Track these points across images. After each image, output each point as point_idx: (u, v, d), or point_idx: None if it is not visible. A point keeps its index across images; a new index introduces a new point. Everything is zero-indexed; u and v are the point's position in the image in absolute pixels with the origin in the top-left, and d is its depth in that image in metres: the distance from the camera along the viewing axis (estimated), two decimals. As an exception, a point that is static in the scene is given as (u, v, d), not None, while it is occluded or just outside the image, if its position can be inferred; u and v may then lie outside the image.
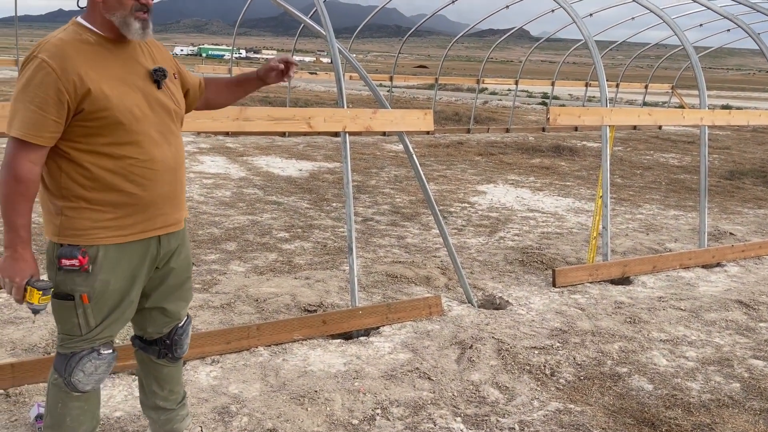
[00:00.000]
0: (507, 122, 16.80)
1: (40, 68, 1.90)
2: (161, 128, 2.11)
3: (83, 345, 2.13)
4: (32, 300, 1.99)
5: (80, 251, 2.02)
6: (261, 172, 8.96)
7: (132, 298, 2.18)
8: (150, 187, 2.08)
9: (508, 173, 9.93)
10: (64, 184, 2.02)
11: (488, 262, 5.39)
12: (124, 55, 2.06)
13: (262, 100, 19.98)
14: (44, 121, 1.90)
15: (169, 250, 2.24)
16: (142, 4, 2.01)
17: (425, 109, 4.27)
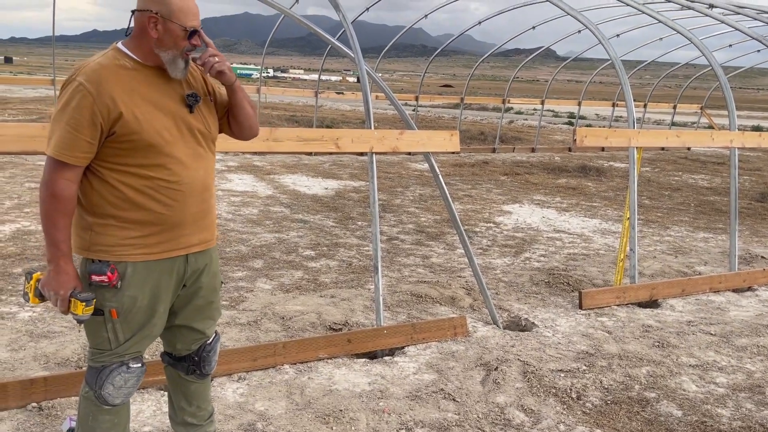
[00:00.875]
0: (533, 142, 16.75)
1: (78, 91, 1.99)
2: (191, 151, 2.18)
3: (113, 359, 2.19)
4: (76, 311, 2.07)
5: (110, 267, 2.09)
6: (288, 190, 9.06)
7: (159, 315, 2.23)
8: (177, 208, 2.14)
9: (533, 193, 9.89)
10: (95, 202, 2.10)
11: (514, 283, 5.37)
12: (158, 81, 2.14)
13: (288, 119, 20.23)
14: (78, 142, 1.99)
15: (197, 268, 2.29)
16: (194, 45, 2.12)
17: (452, 130, 4.30)
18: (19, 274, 4.81)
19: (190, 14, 2.10)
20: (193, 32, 2.10)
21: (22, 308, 4.16)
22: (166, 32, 2.07)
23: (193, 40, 2.11)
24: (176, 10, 2.07)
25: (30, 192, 7.75)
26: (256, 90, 14.07)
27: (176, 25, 2.07)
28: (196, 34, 2.11)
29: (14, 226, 6.17)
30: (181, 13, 2.07)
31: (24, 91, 27.34)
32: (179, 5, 2.08)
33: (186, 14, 2.08)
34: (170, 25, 2.06)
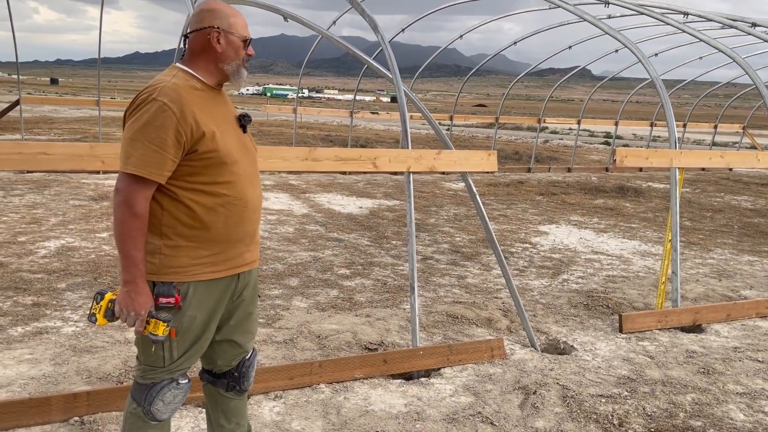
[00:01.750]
0: (569, 162, 16.58)
1: (162, 110, 2.01)
2: (250, 169, 2.27)
3: (164, 375, 2.21)
4: (157, 332, 2.07)
5: (175, 289, 2.12)
6: (323, 209, 9.12)
7: (211, 331, 2.28)
8: (240, 225, 2.20)
9: (570, 214, 9.76)
10: (165, 222, 2.10)
11: (551, 305, 5.28)
12: (220, 101, 2.23)
13: (324, 138, 20.44)
14: (164, 160, 2.01)
15: (245, 284, 2.34)
16: (249, 55, 2.24)
17: (489, 150, 4.28)
18: (64, 289, 4.92)
19: (244, 25, 2.23)
20: (248, 41, 2.23)
21: (65, 323, 4.25)
22: (228, 45, 2.18)
23: (249, 49, 2.24)
24: (233, 23, 2.19)
25: (74, 209, 7.96)
26: (293, 110, 14.26)
27: (235, 36, 2.19)
28: (250, 44, 2.24)
29: (59, 242, 6.34)
30: (238, 24, 2.20)
31: (69, 111, 28.24)
32: (234, 18, 2.21)
33: (242, 26, 2.22)
34: (230, 37, 2.18)
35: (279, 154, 3.61)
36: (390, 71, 4.21)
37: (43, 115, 24.94)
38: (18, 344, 3.87)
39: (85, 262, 5.66)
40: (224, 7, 2.23)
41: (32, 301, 4.63)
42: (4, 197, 8.44)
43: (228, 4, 2.30)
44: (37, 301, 4.63)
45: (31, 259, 5.69)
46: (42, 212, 7.66)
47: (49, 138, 16.70)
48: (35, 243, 6.23)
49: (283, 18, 4.88)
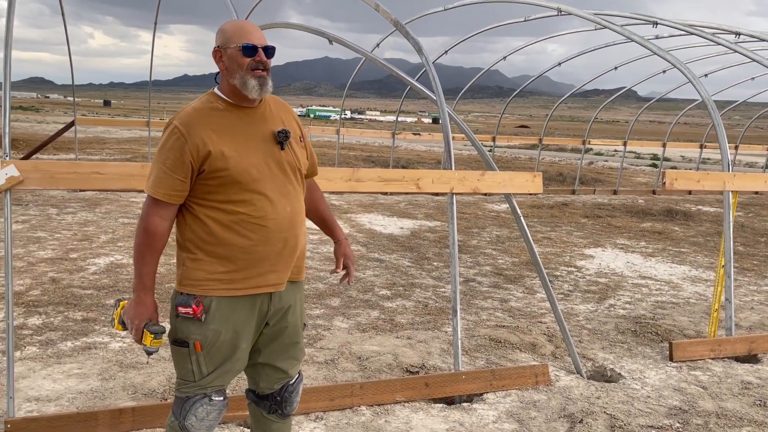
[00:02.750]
0: (614, 184, 16.26)
1: (173, 133, 2.11)
2: (280, 188, 2.22)
3: (196, 390, 2.23)
4: (145, 342, 2.17)
5: (195, 300, 2.15)
6: (364, 229, 9.15)
7: (241, 350, 2.26)
8: (261, 244, 2.18)
9: (616, 237, 9.54)
10: (187, 237, 2.19)
11: (598, 330, 5.14)
12: (249, 119, 2.21)
13: (365, 159, 20.58)
14: (172, 181, 2.10)
15: (281, 307, 2.31)
16: (257, 61, 2.14)
17: (534, 172, 4.23)
18: (112, 305, 5.04)
19: (244, 33, 2.16)
20: (248, 47, 2.14)
21: (113, 338, 4.34)
22: (229, 59, 2.16)
23: (256, 56, 2.14)
24: (230, 36, 2.17)
25: (123, 227, 8.18)
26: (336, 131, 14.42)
27: (231, 48, 2.15)
28: (253, 49, 2.14)
29: (108, 259, 6.51)
30: (235, 35, 2.16)
31: (120, 132, 29.22)
32: (232, 30, 2.18)
33: (240, 35, 2.16)
34: (229, 51, 2.16)
35: (323, 174, 3.62)
36: (434, 93, 4.22)
37: (96, 136, 25.86)
38: (67, 358, 3.96)
39: (132, 279, 5.78)
40: (229, 24, 2.23)
41: (82, 316, 4.75)
42: (58, 215, 8.73)
43: (237, 20, 2.31)
44: (87, 316, 4.75)
45: (81, 275, 5.85)
46: (93, 230, 7.89)
47: (101, 158, 17.27)
48: (86, 260, 6.42)
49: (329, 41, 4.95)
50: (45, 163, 3.01)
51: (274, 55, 2.24)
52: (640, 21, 7.40)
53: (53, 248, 6.80)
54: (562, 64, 13.11)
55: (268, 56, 2.19)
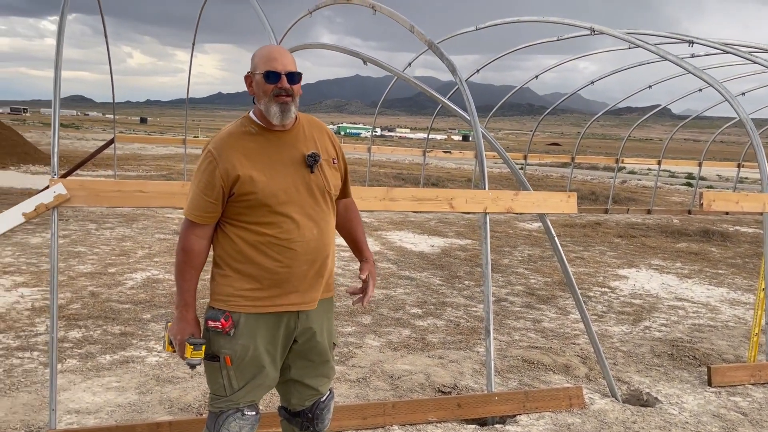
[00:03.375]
0: (648, 203, 16.01)
1: (207, 157, 2.20)
2: (308, 211, 2.25)
3: (229, 405, 2.28)
4: (186, 354, 2.22)
5: (224, 315, 2.21)
6: (394, 246, 9.16)
7: (270, 366, 2.29)
8: (286, 265, 2.22)
9: (651, 257, 9.38)
10: (218, 253, 2.27)
11: (633, 353, 5.05)
12: (281, 142, 2.26)
13: (395, 176, 20.65)
14: (205, 203, 2.18)
15: (309, 326, 2.33)
16: (279, 88, 2.19)
17: (569, 192, 4.21)
18: (149, 320, 5.14)
19: (269, 60, 2.20)
20: (270, 74, 2.17)
21: (150, 353, 4.43)
22: (256, 85, 2.22)
23: (279, 83, 2.17)
24: (257, 62, 2.23)
25: (159, 243, 8.35)
26: (367, 149, 14.53)
27: (258, 75, 2.21)
28: (275, 76, 2.17)
29: (145, 274, 6.64)
30: (261, 62, 2.21)
31: (156, 149, 29.85)
32: (259, 56, 2.24)
33: (265, 62, 2.20)
34: (255, 77, 2.22)
35: (357, 194, 3.66)
36: (467, 112, 4.24)
37: (133, 152, 26.48)
38: (106, 372, 4.05)
39: (168, 294, 5.90)
40: (260, 50, 2.28)
41: (120, 330, 4.85)
42: (97, 230, 8.96)
43: (268, 46, 2.36)
44: (125, 330, 4.85)
45: (119, 289, 5.99)
46: (130, 245, 8.07)
47: (138, 174, 17.67)
48: (123, 274, 6.56)
49: (363, 62, 5.02)
50: (91, 182, 3.12)
51: (301, 80, 2.26)
52: (675, 40, 7.34)
53: (92, 263, 6.98)
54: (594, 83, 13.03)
55: (293, 82, 2.21)
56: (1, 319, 4.95)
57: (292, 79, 2.21)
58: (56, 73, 3.30)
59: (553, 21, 6.11)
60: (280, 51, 2.25)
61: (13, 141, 19.70)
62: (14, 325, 4.83)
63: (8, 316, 5.03)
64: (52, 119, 3.22)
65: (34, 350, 4.36)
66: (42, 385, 3.79)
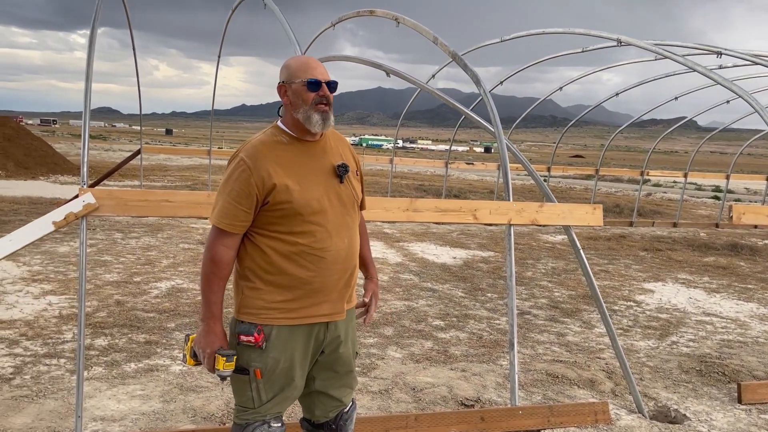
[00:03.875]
0: (674, 216, 15.78)
1: (239, 166, 2.17)
2: (338, 220, 2.26)
3: (256, 417, 2.26)
4: (218, 366, 2.18)
5: (257, 329, 2.19)
6: (416, 258, 9.14)
7: (298, 378, 2.29)
8: (319, 275, 2.21)
9: (678, 271, 9.22)
10: (247, 265, 2.23)
11: (660, 368, 4.96)
12: (311, 152, 2.27)
13: (417, 188, 20.64)
14: (237, 212, 2.15)
15: (336, 336, 2.33)
16: (321, 96, 2.20)
17: (594, 204, 4.16)
18: (173, 328, 5.18)
19: (309, 69, 2.21)
20: (312, 82, 2.19)
21: (174, 362, 4.46)
22: (293, 94, 2.21)
23: (320, 91, 2.19)
24: (295, 71, 2.22)
25: (184, 252, 8.43)
26: (389, 160, 14.56)
27: (297, 83, 2.20)
28: (317, 84, 2.19)
29: (170, 283, 6.71)
30: (300, 71, 2.21)
31: (181, 159, 30.26)
32: (297, 65, 2.23)
33: (305, 70, 2.21)
34: (294, 86, 2.21)
35: (381, 204, 3.68)
36: (491, 123, 4.23)
37: (158, 163, 26.86)
38: (131, 380, 4.09)
39: (192, 303, 5.94)
40: (293, 59, 2.28)
41: (144, 339, 4.90)
42: (123, 239, 9.08)
43: (301, 56, 2.37)
44: (149, 339, 4.89)
45: (144, 298, 6.05)
46: (155, 254, 8.16)
47: (163, 184, 17.90)
48: (148, 283, 6.63)
49: (386, 74, 5.04)
50: (118, 191, 3.16)
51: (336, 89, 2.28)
52: (703, 51, 7.26)
53: (118, 272, 7.07)
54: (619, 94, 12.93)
55: (331, 91, 2.24)
56: (29, 326, 5.03)
57: (331, 88, 2.23)
58: (87, 85, 3.37)
59: (578, 33, 6.08)
60: (316, 61, 2.27)
61: (43, 152, 20.13)
62: (42, 332, 4.91)
63: (36, 323, 5.12)
64: (83, 130, 3.28)
65: (61, 357, 4.42)
66: (68, 392, 3.84)
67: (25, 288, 6.15)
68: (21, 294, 5.94)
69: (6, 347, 4.54)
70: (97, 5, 3.83)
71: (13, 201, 12.38)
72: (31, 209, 11.27)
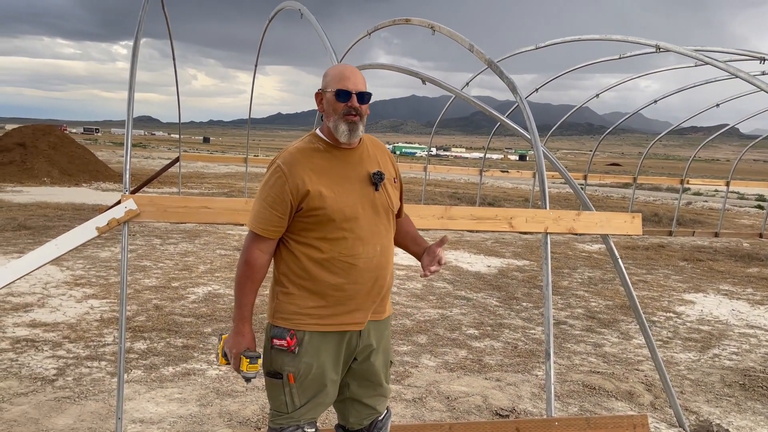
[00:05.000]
0: (715, 225, 15.38)
1: (275, 172, 2.21)
2: (372, 228, 2.27)
3: (290, 422, 2.28)
4: (242, 367, 2.22)
5: (289, 333, 2.21)
6: (450, 266, 9.10)
7: (331, 384, 2.29)
8: (350, 282, 2.22)
9: (719, 282, 8.98)
10: (282, 271, 2.27)
11: (701, 382, 4.83)
12: (347, 160, 2.28)
13: (451, 195, 20.58)
14: (271, 217, 2.18)
15: (369, 344, 2.33)
16: (349, 107, 2.21)
17: (633, 213, 4.09)
18: (210, 333, 5.26)
19: (342, 78, 2.23)
20: (341, 93, 2.20)
21: (210, 366, 4.52)
22: (327, 103, 2.24)
23: (349, 101, 2.20)
24: (329, 80, 2.24)
25: (220, 258, 8.56)
26: (423, 168, 14.55)
27: (330, 92, 2.23)
28: (346, 95, 2.20)
29: (207, 288, 6.82)
30: (333, 80, 2.23)
31: (218, 167, 30.75)
32: (332, 74, 2.25)
33: (338, 80, 2.22)
34: (327, 94, 2.24)
35: (416, 212, 3.67)
36: (528, 131, 4.20)
37: (196, 171, 27.36)
38: (169, 383, 4.16)
39: (228, 309, 6.02)
40: (332, 68, 2.30)
41: (182, 343, 4.98)
42: (161, 245, 9.26)
43: (341, 65, 2.38)
44: (187, 343, 4.98)
45: (182, 303, 6.16)
46: (192, 260, 8.30)
47: (201, 192, 18.23)
48: (186, 288, 6.75)
49: (422, 81, 5.05)
50: (159, 198, 3.23)
51: (370, 100, 2.28)
52: (746, 57, 7.09)
53: (157, 277, 7.21)
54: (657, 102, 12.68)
55: (362, 102, 2.23)
56: (72, 329, 5.17)
57: (361, 99, 2.23)
58: (130, 94, 3.46)
59: (616, 39, 6.01)
60: (352, 71, 2.28)
61: (86, 159, 20.69)
62: (84, 335, 5.04)
63: (79, 326, 5.25)
64: (125, 138, 3.37)
65: (102, 360, 4.52)
66: (109, 394, 3.93)
67: (68, 292, 6.33)
68: (64, 298, 6.10)
69: (50, 349, 4.67)
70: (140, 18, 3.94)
71: (58, 207, 12.75)
72: (74, 215, 11.60)
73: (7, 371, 4.20)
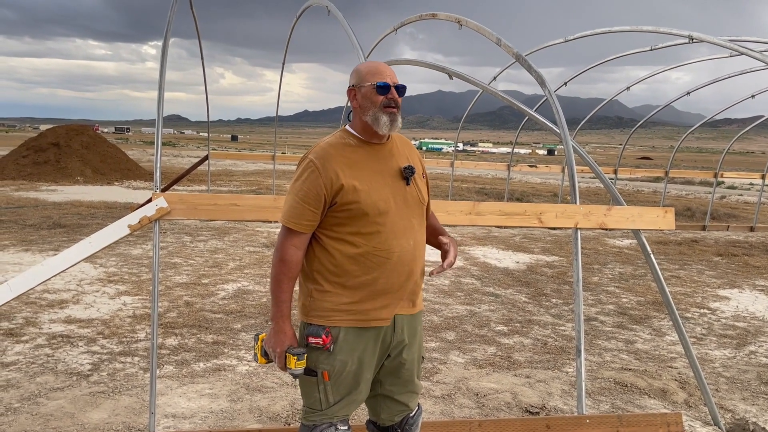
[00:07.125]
0: (751, 220, 15.02)
1: (308, 167, 2.21)
2: (404, 222, 2.27)
3: (323, 419, 2.28)
4: (290, 365, 2.21)
5: (325, 331, 2.21)
6: (478, 262, 9.05)
7: (365, 381, 2.29)
8: (384, 276, 2.22)
9: (755, 278, 8.77)
10: (315, 268, 2.26)
11: (737, 379, 4.72)
12: (379, 155, 2.29)
13: (478, 191, 20.45)
14: (305, 212, 2.18)
15: (402, 340, 2.33)
16: (390, 99, 2.23)
17: (666, 207, 4.01)
18: (239, 329, 5.32)
19: (378, 72, 2.25)
20: (381, 86, 2.22)
21: (240, 362, 4.57)
22: (363, 97, 2.24)
23: (389, 93, 2.23)
24: (365, 75, 2.26)
25: (249, 255, 8.64)
26: (450, 164, 14.49)
27: (366, 86, 2.24)
28: (386, 87, 2.23)
29: (236, 285, 6.89)
30: (369, 74, 2.25)
31: (246, 165, 31.05)
32: (366, 70, 2.27)
33: (374, 74, 2.25)
34: (363, 89, 2.24)
35: (443, 208, 3.66)
36: (557, 125, 4.14)
37: (224, 168, 27.67)
38: (200, 379, 4.22)
39: (258, 305, 6.08)
40: (363, 65, 2.32)
41: (212, 339, 5.04)
42: (191, 242, 9.39)
43: (371, 61, 2.39)
44: (217, 339, 5.04)
45: (212, 300, 6.24)
46: (222, 257, 8.40)
47: (229, 189, 18.42)
48: (216, 285, 6.83)
49: (449, 76, 5.02)
50: (189, 196, 3.27)
51: (405, 93, 2.31)
52: (782, 46, 6.89)
53: (187, 273, 7.31)
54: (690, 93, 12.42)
55: (400, 94, 2.27)
56: (105, 325, 5.27)
57: (399, 91, 2.27)
58: (160, 94, 3.50)
59: (647, 30, 5.89)
60: (385, 65, 2.31)
61: (117, 158, 21.08)
62: (117, 331, 5.13)
63: (112, 322, 5.35)
64: (156, 137, 3.42)
65: (135, 355, 4.60)
66: (142, 389, 4.00)
67: (102, 288, 6.45)
68: (98, 294, 6.23)
69: (84, 345, 4.77)
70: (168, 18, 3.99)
71: (91, 205, 13.01)
72: (107, 213, 11.82)
73: (44, 366, 4.30)
